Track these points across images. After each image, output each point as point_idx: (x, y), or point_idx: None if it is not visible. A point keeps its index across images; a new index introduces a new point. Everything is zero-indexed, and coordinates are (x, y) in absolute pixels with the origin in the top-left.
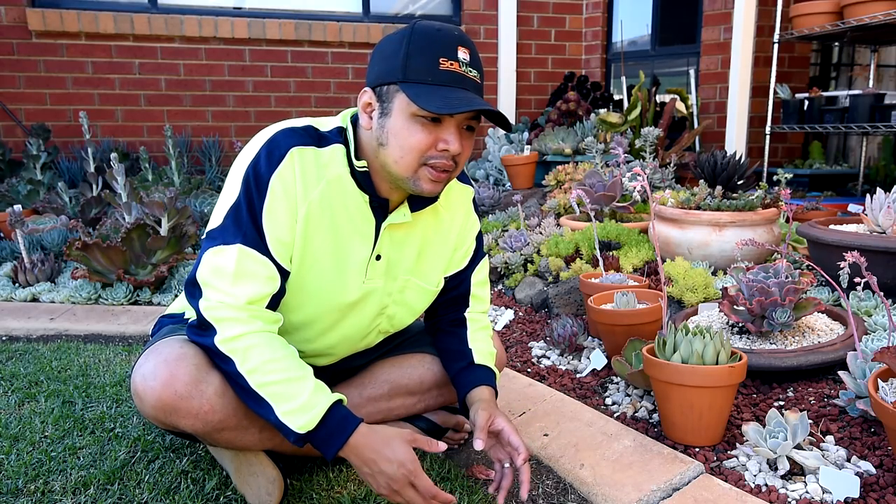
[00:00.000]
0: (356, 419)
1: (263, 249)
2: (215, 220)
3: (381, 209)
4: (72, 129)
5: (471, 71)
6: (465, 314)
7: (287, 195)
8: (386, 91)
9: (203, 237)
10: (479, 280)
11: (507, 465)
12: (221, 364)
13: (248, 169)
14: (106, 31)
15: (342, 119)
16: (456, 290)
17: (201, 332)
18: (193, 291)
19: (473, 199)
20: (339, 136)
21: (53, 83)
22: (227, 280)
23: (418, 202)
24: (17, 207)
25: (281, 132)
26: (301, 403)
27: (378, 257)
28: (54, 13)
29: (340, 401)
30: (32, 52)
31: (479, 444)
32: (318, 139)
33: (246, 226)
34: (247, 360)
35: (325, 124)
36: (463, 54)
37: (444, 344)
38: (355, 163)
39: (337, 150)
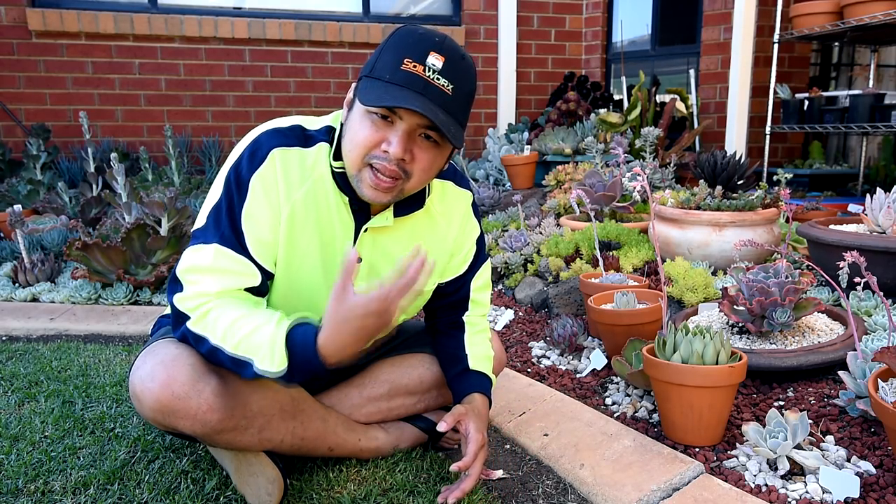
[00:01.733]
0: (312, 326)
1: (241, 249)
2: (199, 220)
3: (362, 212)
4: (72, 129)
5: (439, 79)
6: (464, 318)
7: (268, 196)
8: (357, 86)
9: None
10: (480, 285)
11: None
12: (199, 347)
13: (230, 170)
14: (106, 31)
15: (332, 119)
16: (455, 295)
17: (178, 325)
18: (174, 287)
19: (474, 203)
20: (326, 135)
21: (53, 83)
22: (202, 274)
23: (404, 208)
24: (17, 207)
25: (265, 133)
26: (268, 347)
27: (359, 260)
28: (54, 13)
29: (301, 323)
30: (32, 52)
31: (441, 426)
32: (304, 139)
33: (224, 226)
34: (216, 330)
35: (313, 123)
36: (434, 60)
37: (441, 347)
38: (333, 164)
39: (322, 149)
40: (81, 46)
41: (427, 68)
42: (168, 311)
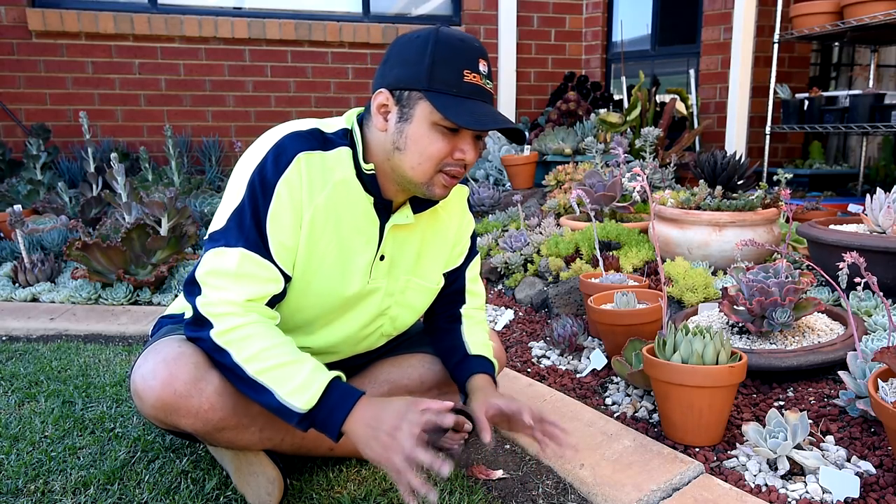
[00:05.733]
0: (358, 391)
1: (265, 253)
2: (218, 221)
3: (384, 210)
4: (72, 129)
5: (489, 83)
6: (462, 310)
7: (292, 200)
8: (407, 97)
9: (205, 238)
10: (473, 276)
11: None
12: (217, 356)
13: (255, 173)
14: (106, 31)
15: (347, 120)
16: (453, 286)
17: (197, 327)
18: (192, 290)
19: (468, 198)
20: (344, 138)
21: (53, 83)
22: (228, 280)
23: (421, 204)
24: (17, 207)
25: (288, 136)
26: (301, 382)
27: (382, 257)
28: (54, 13)
29: (339, 377)
30: (32, 52)
31: (485, 437)
32: (323, 142)
33: (249, 230)
34: (243, 349)
35: (330, 126)
36: (483, 67)
37: (441, 341)
38: (363, 166)
39: (342, 152)
40: (81, 46)
41: (482, 76)
42: (169, 311)
